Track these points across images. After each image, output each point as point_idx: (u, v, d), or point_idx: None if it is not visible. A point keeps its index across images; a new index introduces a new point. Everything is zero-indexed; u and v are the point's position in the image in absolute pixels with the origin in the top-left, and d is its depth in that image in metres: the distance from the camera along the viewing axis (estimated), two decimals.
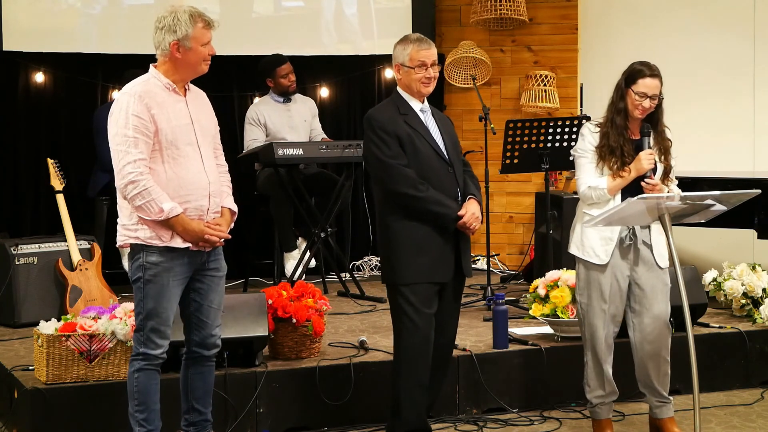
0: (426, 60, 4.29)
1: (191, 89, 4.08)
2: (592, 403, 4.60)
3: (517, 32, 8.03)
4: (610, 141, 4.37)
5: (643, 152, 4.35)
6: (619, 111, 4.41)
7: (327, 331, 5.24)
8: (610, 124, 4.41)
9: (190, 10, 3.94)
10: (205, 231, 3.95)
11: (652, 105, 4.38)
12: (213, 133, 4.12)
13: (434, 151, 4.28)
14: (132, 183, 3.83)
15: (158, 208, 3.84)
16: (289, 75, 7.06)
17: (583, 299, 4.53)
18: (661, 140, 4.47)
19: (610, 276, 4.43)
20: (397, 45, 4.36)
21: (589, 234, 4.44)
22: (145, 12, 7.59)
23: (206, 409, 4.17)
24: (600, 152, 4.40)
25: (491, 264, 6.94)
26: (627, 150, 4.37)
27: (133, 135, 3.84)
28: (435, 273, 4.26)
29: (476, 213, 4.28)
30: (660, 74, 4.40)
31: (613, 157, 4.37)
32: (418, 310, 4.23)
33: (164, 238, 3.91)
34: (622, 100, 4.41)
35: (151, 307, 3.93)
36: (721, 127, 7.38)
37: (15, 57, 7.23)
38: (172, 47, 3.92)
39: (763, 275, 5.93)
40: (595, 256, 4.44)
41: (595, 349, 4.51)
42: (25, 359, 4.96)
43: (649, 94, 4.35)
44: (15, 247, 5.87)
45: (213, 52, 4.00)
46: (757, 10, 7.61)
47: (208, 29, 3.97)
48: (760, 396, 5.36)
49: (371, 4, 8.04)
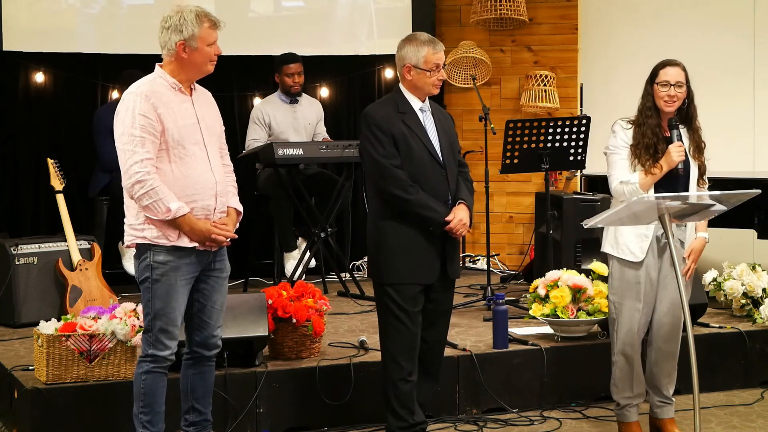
0: (440, 62, 4.28)
1: (197, 89, 4.08)
2: (620, 405, 4.56)
3: (517, 32, 8.03)
4: (645, 138, 4.35)
5: (672, 145, 4.32)
6: (649, 109, 4.39)
7: (327, 331, 5.24)
8: (643, 122, 4.39)
9: (196, 10, 3.94)
10: (212, 230, 3.95)
11: (678, 93, 4.35)
12: (219, 133, 4.12)
13: (428, 153, 4.27)
14: (139, 182, 3.83)
15: (165, 207, 3.84)
16: (294, 75, 7.04)
17: (616, 298, 4.49)
18: (697, 138, 4.45)
19: (645, 274, 4.40)
20: (407, 45, 4.31)
21: (624, 231, 4.41)
22: (145, 12, 7.59)
23: (206, 409, 4.17)
24: (635, 151, 4.37)
25: (491, 264, 6.93)
26: (661, 148, 4.34)
27: (140, 134, 3.84)
28: (419, 274, 4.26)
29: (464, 219, 4.27)
30: (682, 65, 4.39)
31: (646, 155, 4.34)
32: (402, 308, 4.25)
33: (171, 237, 3.91)
34: (650, 99, 4.40)
35: (159, 307, 3.92)
36: (721, 127, 7.37)
37: (15, 57, 7.22)
38: (179, 47, 3.92)
39: (763, 275, 5.93)
40: (630, 253, 4.40)
41: (625, 349, 4.47)
42: (25, 359, 4.96)
43: (671, 81, 4.34)
44: (15, 247, 5.87)
45: (219, 52, 4.00)
46: (757, 10, 7.62)
47: (215, 29, 3.97)
48: (760, 396, 5.36)
49: (371, 4, 8.04)
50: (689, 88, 4.41)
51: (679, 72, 4.37)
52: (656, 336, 4.52)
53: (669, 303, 4.46)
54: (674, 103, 4.37)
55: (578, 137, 6.30)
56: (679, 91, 4.36)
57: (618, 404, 4.58)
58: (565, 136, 6.28)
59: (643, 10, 7.88)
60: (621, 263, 4.45)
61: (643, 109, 4.41)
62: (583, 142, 6.33)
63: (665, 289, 4.45)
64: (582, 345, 5.29)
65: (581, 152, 6.35)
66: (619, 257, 4.44)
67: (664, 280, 4.44)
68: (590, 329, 5.36)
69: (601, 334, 5.34)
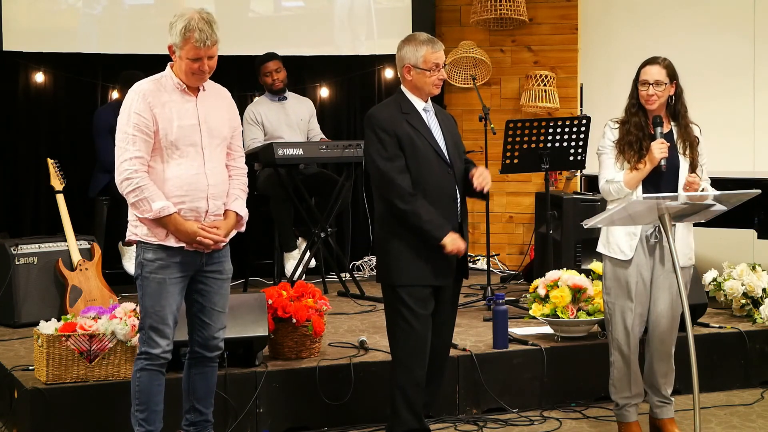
0: (439, 62, 4.27)
1: (208, 89, 4.03)
2: (619, 405, 4.57)
3: (517, 32, 8.03)
4: (629, 136, 4.38)
5: (654, 142, 4.35)
6: (633, 106, 4.43)
7: (327, 331, 5.24)
8: (627, 120, 4.43)
9: (187, 24, 3.83)
10: (198, 233, 3.93)
11: (657, 91, 4.37)
12: (225, 135, 4.06)
13: (435, 152, 4.26)
14: (127, 180, 3.85)
15: (150, 206, 3.85)
16: (272, 73, 7.06)
17: (609, 298, 4.50)
18: (686, 134, 4.45)
19: (636, 273, 4.40)
20: (406, 45, 4.30)
21: (615, 231, 4.42)
22: (145, 12, 7.60)
23: (207, 410, 4.17)
24: (619, 146, 4.41)
25: (491, 264, 6.94)
26: (646, 145, 4.36)
27: (133, 132, 3.85)
28: (432, 276, 4.23)
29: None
30: (663, 63, 4.40)
31: (631, 151, 4.37)
32: (413, 312, 4.22)
33: (159, 236, 3.92)
34: (635, 96, 4.44)
35: (149, 304, 3.93)
36: (721, 127, 7.38)
37: (15, 57, 7.23)
38: (169, 49, 3.93)
39: (763, 275, 5.93)
40: (620, 252, 4.42)
41: (621, 348, 4.47)
42: (25, 359, 4.96)
43: (650, 80, 4.36)
44: (15, 247, 5.87)
45: (205, 69, 3.89)
46: (757, 10, 7.61)
47: (199, 48, 3.84)
48: (760, 396, 5.36)
49: (371, 4, 8.04)
50: (678, 85, 4.43)
51: (659, 71, 4.38)
52: (652, 336, 4.52)
53: (664, 303, 4.46)
54: (654, 101, 4.39)
55: (578, 137, 6.31)
56: (658, 90, 4.37)
57: (617, 404, 4.58)
58: (565, 136, 6.29)
59: (643, 10, 7.88)
60: (612, 263, 4.47)
61: (629, 107, 4.46)
62: (583, 142, 6.33)
63: (660, 289, 4.45)
64: (582, 345, 5.29)
65: (581, 152, 6.35)
66: (611, 256, 4.46)
67: (657, 280, 4.45)
68: (590, 329, 5.36)
69: (600, 334, 5.34)
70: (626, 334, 4.45)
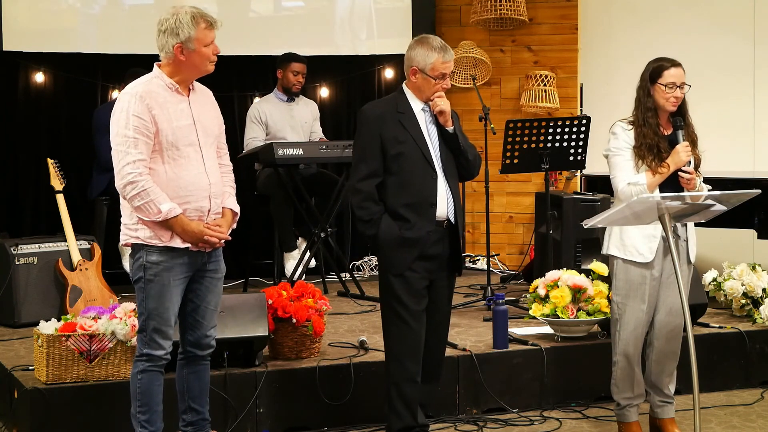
0: (447, 72, 4.25)
1: (196, 88, 4.06)
2: (620, 405, 4.56)
3: (517, 32, 8.03)
4: (647, 139, 4.35)
5: (679, 145, 4.32)
6: (649, 109, 4.38)
7: (327, 331, 5.24)
8: (643, 123, 4.38)
9: (191, 12, 3.91)
10: (205, 232, 3.94)
11: (683, 94, 4.37)
12: (216, 133, 4.09)
13: (421, 155, 4.22)
14: (131, 184, 3.83)
15: (157, 209, 3.84)
16: (299, 75, 7.08)
17: (619, 298, 4.46)
18: (691, 132, 4.45)
19: (650, 275, 4.39)
20: (418, 47, 4.26)
21: (630, 232, 4.38)
22: (145, 12, 7.59)
23: (203, 408, 4.16)
24: (638, 152, 4.35)
25: (491, 264, 6.94)
26: (663, 146, 4.35)
27: (133, 135, 3.84)
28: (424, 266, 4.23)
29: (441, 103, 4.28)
30: (680, 64, 4.40)
31: (650, 155, 4.34)
32: (407, 307, 4.23)
33: (164, 238, 3.91)
34: (650, 98, 4.39)
35: (152, 307, 3.92)
36: (721, 127, 7.39)
37: (15, 57, 7.23)
38: (176, 50, 3.90)
39: (763, 275, 5.93)
40: (638, 254, 4.38)
41: (628, 349, 4.46)
42: (25, 359, 4.96)
43: (677, 83, 4.34)
44: (15, 247, 5.87)
45: (218, 51, 3.98)
46: (757, 10, 7.62)
47: (211, 29, 3.94)
48: (760, 396, 5.36)
49: (371, 4, 8.04)
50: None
51: (682, 73, 4.38)
52: (658, 335, 4.51)
53: (672, 303, 4.45)
54: (678, 103, 4.38)
55: (578, 137, 6.31)
56: (683, 92, 4.37)
57: (618, 404, 4.58)
58: (565, 136, 6.29)
59: (643, 10, 7.88)
60: (626, 263, 4.43)
61: (644, 109, 4.39)
62: (583, 142, 6.33)
63: (668, 289, 4.44)
64: (582, 345, 5.29)
65: (581, 152, 6.35)
66: (627, 259, 4.41)
67: (667, 280, 4.44)
68: (590, 329, 5.36)
69: (601, 334, 5.34)
70: (635, 336, 4.45)
